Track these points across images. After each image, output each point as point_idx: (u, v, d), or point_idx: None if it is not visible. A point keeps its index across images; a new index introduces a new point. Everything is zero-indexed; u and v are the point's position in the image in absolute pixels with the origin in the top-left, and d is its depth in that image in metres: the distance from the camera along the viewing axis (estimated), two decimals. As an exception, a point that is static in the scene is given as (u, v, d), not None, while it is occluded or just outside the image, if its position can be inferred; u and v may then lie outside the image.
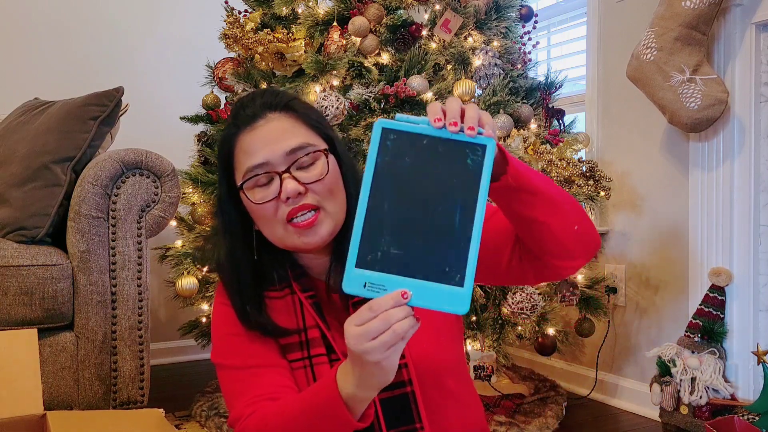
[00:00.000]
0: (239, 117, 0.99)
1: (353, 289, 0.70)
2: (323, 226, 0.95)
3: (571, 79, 2.51)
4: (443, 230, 0.70)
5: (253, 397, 0.94)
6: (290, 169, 0.94)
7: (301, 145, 0.96)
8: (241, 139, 0.98)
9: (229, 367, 0.99)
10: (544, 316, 1.89)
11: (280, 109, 0.99)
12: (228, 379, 0.99)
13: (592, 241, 0.92)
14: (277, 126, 0.97)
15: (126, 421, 1.03)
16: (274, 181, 0.95)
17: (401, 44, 1.95)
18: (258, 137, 0.96)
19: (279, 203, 0.95)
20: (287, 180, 0.94)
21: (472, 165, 0.71)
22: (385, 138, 0.71)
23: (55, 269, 1.66)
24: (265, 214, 0.96)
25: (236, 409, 0.95)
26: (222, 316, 1.03)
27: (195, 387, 2.25)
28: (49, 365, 1.67)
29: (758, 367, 1.75)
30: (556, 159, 1.86)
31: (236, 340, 1.00)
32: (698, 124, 1.85)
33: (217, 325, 1.04)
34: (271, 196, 0.95)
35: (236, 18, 2.00)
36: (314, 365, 0.98)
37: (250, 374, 0.97)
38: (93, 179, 1.70)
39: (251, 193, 0.96)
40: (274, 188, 0.95)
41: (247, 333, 0.99)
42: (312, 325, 0.99)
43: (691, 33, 1.85)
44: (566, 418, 2.02)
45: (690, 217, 2.01)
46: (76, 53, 2.68)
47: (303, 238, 0.95)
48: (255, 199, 0.95)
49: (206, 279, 1.96)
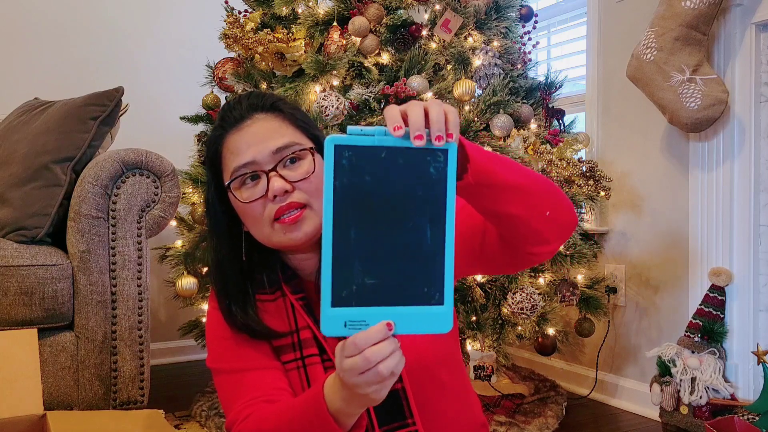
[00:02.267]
0: (226, 119, 1.00)
1: (333, 330, 0.66)
2: (308, 223, 0.95)
3: (571, 79, 2.51)
4: (415, 249, 0.66)
5: (249, 400, 0.94)
6: (277, 168, 0.95)
7: (287, 144, 0.96)
8: (228, 140, 0.99)
9: (224, 371, 1.00)
10: (544, 316, 1.89)
11: (267, 109, 1.00)
12: (223, 383, 1.00)
13: (567, 223, 0.89)
14: (264, 126, 0.98)
15: (126, 422, 1.03)
16: (261, 180, 0.96)
17: (401, 44, 1.95)
18: (244, 137, 0.97)
19: (266, 202, 0.95)
20: (274, 178, 0.94)
21: (434, 173, 0.66)
22: (339, 156, 0.65)
23: (55, 269, 1.66)
24: (252, 214, 0.96)
25: (232, 412, 0.96)
26: (215, 321, 1.03)
27: (195, 387, 2.25)
28: (49, 365, 1.67)
29: (758, 367, 1.75)
30: (556, 159, 1.86)
31: (229, 343, 1.00)
32: (698, 124, 1.85)
33: (210, 330, 1.04)
34: (258, 195, 0.95)
35: (236, 18, 2.00)
36: (307, 366, 0.98)
37: (244, 377, 0.97)
38: (93, 179, 1.70)
39: (239, 192, 0.97)
40: (261, 187, 0.95)
41: (239, 336, 0.99)
42: (304, 326, 1.00)
43: (691, 33, 1.85)
44: (566, 418, 2.02)
45: (690, 217, 2.01)
46: (76, 53, 2.68)
47: (289, 235, 0.95)
48: (242, 198, 0.96)
49: (206, 279, 1.96)
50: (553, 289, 1.95)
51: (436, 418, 1.02)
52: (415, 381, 0.98)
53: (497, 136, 1.91)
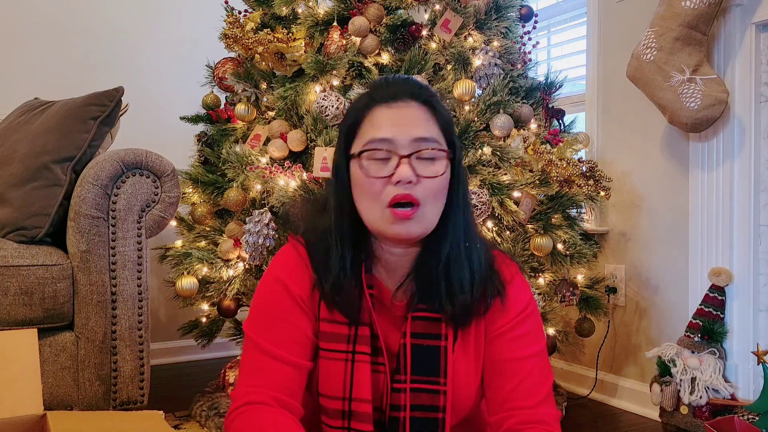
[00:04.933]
0: (378, 91, 1.00)
1: None
2: (416, 224, 0.95)
3: (571, 79, 2.51)
4: None
5: (257, 386, 0.96)
6: (411, 156, 0.95)
7: (430, 137, 0.97)
8: (374, 111, 0.98)
9: (254, 341, 1.00)
10: (544, 316, 1.89)
11: (422, 101, 1.00)
12: (248, 352, 1.01)
13: None
14: (413, 113, 0.98)
15: (126, 423, 1.03)
16: (391, 162, 0.95)
17: (401, 44, 1.95)
18: (391, 115, 0.97)
19: (388, 184, 0.95)
20: (404, 164, 0.94)
21: None
22: None
23: (55, 269, 1.66)
24: (371, 190, 0.96)
25: (239, 387, 0.98)
26: (272, 293, 1.02)
27: (195, 387, 2.25)
28: (49, 365, 1.67)
29: (758, 367, 1.75)
30: (556, 159, 1.86)
31: (274, 321, 1.00)
32: (698, 124, 1.85)
33: (262, 299, 1.03)
34: (383, 174, 0.95)
35: (236, 18, 2.00)
36: (356, 362, 0.99)
37: (266, 362, 0.98)
38: (93, 179, 1.70)
39: (367, 164, 0.96)
40: (389, 168, 0.95)
41: (286, 320, 1.00)
42: (366, 323, 1.00)
43: (691, 33, 1.85)
44: (566, 418, 2.02)
45: (690, 217, 2.01)
46: (76, 53, 2.68)
47: (394, 227, 0.95)
48: (368, 172, 0.96)
49: (206, 279, 1.96)
50: (553, 289, 1.95)
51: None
52: (453, 417, 1.01)
53: (497, 136, 1.91)
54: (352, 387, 0.97)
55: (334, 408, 0.98)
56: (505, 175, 1.86)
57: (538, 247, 1.86)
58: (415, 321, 1.00)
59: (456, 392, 1.00)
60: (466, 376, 1.01)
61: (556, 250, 1.91)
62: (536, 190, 1.86)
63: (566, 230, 1.90)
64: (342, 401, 0.98)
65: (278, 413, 0.94)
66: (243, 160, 1.85)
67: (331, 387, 0.99)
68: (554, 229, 1.89)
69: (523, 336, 1.01)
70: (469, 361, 1.02)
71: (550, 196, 1.92)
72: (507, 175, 1.86)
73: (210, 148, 2.13)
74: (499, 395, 1.00)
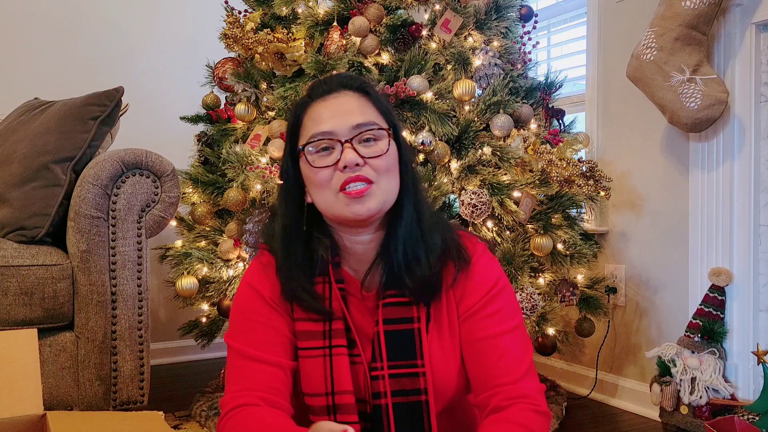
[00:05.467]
0: (314, 90, 1.04)
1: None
2: (372, 199, 0.97)
3: (571, 79, 2.51)
4: None
5: (244, 390, 0.97)
6: (353, 141, 0.98)
7: (367, 121, 0.99)
8: (311, 108, 1.02)
9: (236, 350, 1.02)
10: (544, 316, 1.89)
11: (355, 89, 1.03)
12: (231, 361, 1.03)
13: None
14: (349, 101, 1.01)
15: (126, 423, 1.03)
16: (335, 150, 0.98)
17: (401, 44, 1.95)
18: (328, 107, 1.00)
19: (335, 172, 0.97)
20: (348, 149, 0.97)
21: None
22: None
23: (55, 269, 1.66)
24: (319, 180, 0.98)
25: (227, 394, 0.99)
26: (246, 299, 1.05)
27: (195, 387, 2.25)
28: (49, 365, 1.67)
29: (758, 367, 1.75)
30: (556, 159, 1.86)
31: (252, 326, 1.02)
32: (698, 124, 1.85)
33: (237, 308, 1.06)
34: (329, 163, 0.98)
35: (236, 18, 2.00)
36: (333, 355, 1.00)
37: (250, 365, 1.00)
38: (93, 179, 1.70)
39: (312, 157, 0.99)
40: (333, 156, 0.98)
41: (263, 323, 1.02)
42: (338, 317, 1.02)
43: (691, 33, 1.85)
44: (566, 418, 2.02)
45: (690, 217, 2.01)
46: (76, 53, 2.68)
47: (351, 207, 0.97)
48: (314, 163, 0.98)
49: (206, 279, 1.96)
50: (553, 289, 1.95)
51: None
52: (437, 400, 1.02)
53: (497, 136, 1.91)
54: (333, 381, 0.99)
55: (319, 405, 1.00)
56: (505, 175, 1.86)
57: (538, 247, 1.86)
58: (387, 307, 1.02)
59: (435, 373, 1.01)
60: (442, 356, 1.02)
61: (556, 250, 1.91)
62: (536, 190, 1.87)
63: (566, 230, 1.90)
64: (325, 397, 0.99)
65: (268, 411, 0.95)
66: (243, 160, 1.86)
67: (313, 384, 1.00)
68: (554, 229, 1.89)
69: (496, 313, 1.02)
70: (444, 340, 1.03)
71: (550, 196, 1.92)
72: (507, 175, 1.87)
73: (210, 148, 2.13)
74: (480, 374, 1.01)
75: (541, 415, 0.97)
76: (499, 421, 0.95)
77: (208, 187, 1.99)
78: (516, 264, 1.82)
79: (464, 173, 1.85)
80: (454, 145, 1.88)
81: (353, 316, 1.03)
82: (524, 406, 0.96)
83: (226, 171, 1.91)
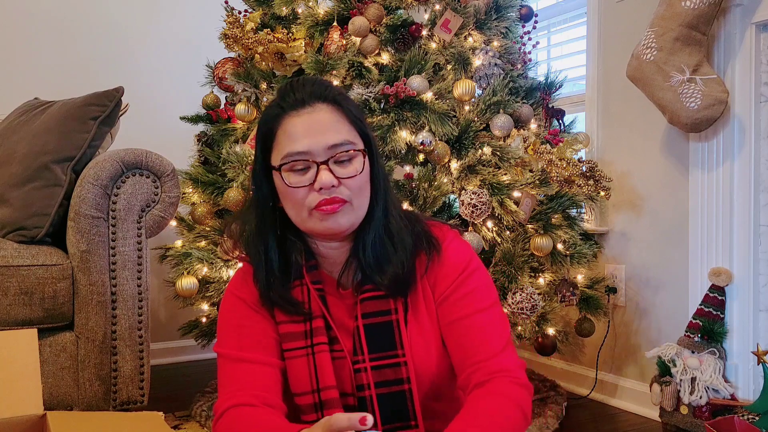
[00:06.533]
0: (286, 99, 1.02)
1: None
2: (346, 216, 0.99)
3: (571, 79, 2.51)
4: None
5: (236, 391, 0.99)
6: (328, 162, 0.98)
7: (343, 141, 0.99)
8: (285, 121, 1.01)
9: (225, 356, 1.04)
10: (544, 316, 1.89)
11: (329, 101, 1.02)
12: (222, 367, 1.04)
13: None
14: (323, 117, 1.00)
15: (126, 423, 1.03)
16: (311, 170, 0.98)
17: (401, 44, 1.95)
18: (303, 124, 0.99)
19: (311, 191, 0.98)
20: (324, 171, 0.97)
21: None
22: None
23: (55, 269, 1.66)
24: (295, 197, 0.99)
25: (220, 398, 1.01)
26: (230, 307, 1.07)
27: (195, 387, 2.25)
28: (49, 365, 1.67)
29: (758, 367, 1.75)
30: (556, 159, 1.86)
31: (239, 330, 1.04)
32: (698, 124, 1.85)
33: (223, 316, 1.08)
34: (305, 183, 0.98)
35: (236, 18, 2.00)
36: (316, 353, 1.02)
37: (240, 368, 1.02)
38: (93, 179, 1.70)
39: (286, 174, 0.99)
40: (309, 176, 0.98)
41: (248, 326, 1.04)
42: (317, 315, 1.04)
43: (691, 33, 1.85)
44: (566, 418, 2.02)
45: (690, 217, 2.01)
46: (76, 53, 2.68)
47: (324, 223, 0.99)
48: (289, 182, 0.99)
49: (206, 279, 1.96)
50: (553, 289, 1.95)
51: (435, 419, 1.06)
52: (421, 388, 1.03)
53: (497, 136, 1.91)
54: (317, 378, 1.01)
55: (307, 403, 1.02)
56: (505, 175, 1.86)
57: (538, 247, 1.86)
58: (365, 302, 1.04)
59: (417, 361, 1.03)
60: (423, 343, 1.04)
61: (556, 250, 1.91)
62: (536, 190, 1.87)
63: (566, 230, 1.90)
64: (312, 394, 1.01)
65: (263, 410, 0.97)
66: (243, 160, 1.86)
67: (300, 384, 1.02)
68: (554, 229, 1.89)
69: (469, 293, 1.04)
70: (423, 327, 1.04)
71: (550, 196, 1.92)
72: (507, 175, 1.87)
73: (210, 148, 2.13)
74: (460, 354, 1.02)
75: (522, 387, 0.98)
76: (480, 395, 0.96)
77: (208, 187, 1.99)
78: (516, 264, 1.82)
79: (464, 173, 1.85)
80: (454, 145, 1.88)
81: (333, 313, 1.05)
82: (505, 379, 0.98)
83: (226, 171, 1.91)
